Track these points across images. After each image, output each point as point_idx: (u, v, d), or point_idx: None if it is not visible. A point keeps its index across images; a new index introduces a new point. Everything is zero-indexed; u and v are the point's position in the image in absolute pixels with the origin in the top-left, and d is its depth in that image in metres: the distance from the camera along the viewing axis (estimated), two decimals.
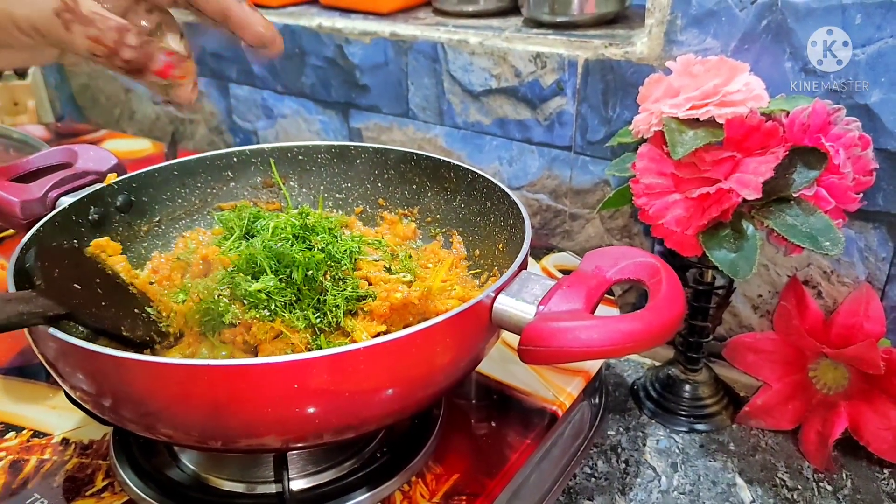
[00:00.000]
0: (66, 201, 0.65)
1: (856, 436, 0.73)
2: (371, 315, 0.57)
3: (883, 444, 0.72)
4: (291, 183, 0.79)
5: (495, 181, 0.67)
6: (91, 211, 0.67)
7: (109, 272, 0.60)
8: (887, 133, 0.68)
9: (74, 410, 0.63)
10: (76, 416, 0.64)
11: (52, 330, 0.45)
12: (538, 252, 0.86)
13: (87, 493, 0.56)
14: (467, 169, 0.71)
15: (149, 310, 0.58)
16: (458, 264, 0.70)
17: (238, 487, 0.57)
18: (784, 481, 0.72)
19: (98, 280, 0.57)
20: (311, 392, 0.44)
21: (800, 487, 0.71)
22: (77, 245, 0.64)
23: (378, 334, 0.56)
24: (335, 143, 0.78)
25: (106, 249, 0.63)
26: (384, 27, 1.00)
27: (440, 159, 0.73)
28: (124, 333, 0.54)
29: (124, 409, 0.48)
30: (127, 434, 0.60)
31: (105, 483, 0.57)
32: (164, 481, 0.57)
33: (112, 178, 0.69)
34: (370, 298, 0.57)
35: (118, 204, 0.70)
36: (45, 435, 0.62)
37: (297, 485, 0.56)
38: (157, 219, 0.74)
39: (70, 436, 0.62)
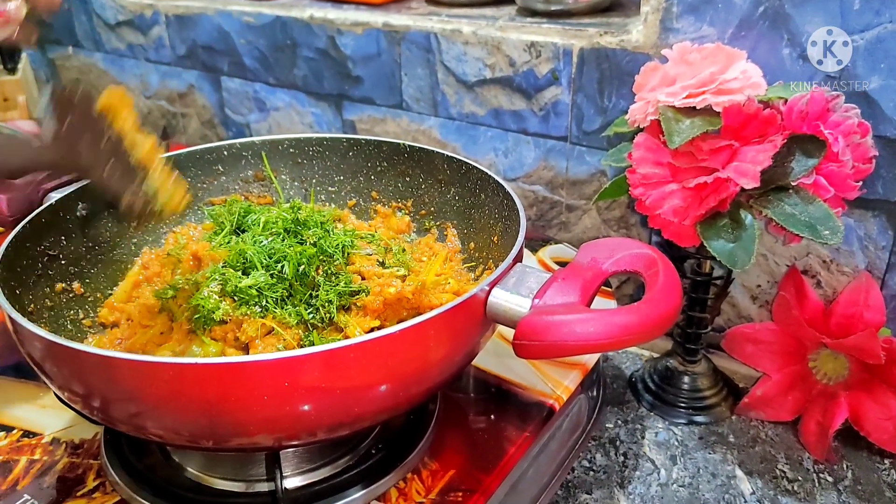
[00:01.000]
0: (53, 197, 0.64)
1: (856, 426, 0.72)
2: (364, 310, 0.56)
3: (883, 435, 0.71)
4: (283, 176, 0.78)
5: (489, 172, 0.66)
6: (79, 207, 0.66)
7: (115, 138, 0.56)
8: (886, 120, 0.68)
9: (65, 410, 0.62)
10: (66, 415, 0.63)
11: (37, 329, 0.44)
12: (535, 244, 0.86)
13: (79, 494, 0.55)
14: (461, 160, 0.70)
15: (144, 186, 0.56)
16: (453, 257, 0.69)
17: (231, 486, 0.56)
18: (784, 473, 0.72)
19: (106, 140, 0.55)
20: (304, 389, 0.44)
21: (800, 479, 0.71)
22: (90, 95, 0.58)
23: (371, 329, 0.55)
24: (326, 135, 0.77)
25: (118, 104, 0.58)
26: (376, 17, 0.99)
27: (433, 151, 0.72)
28: (122, 208, 0.54)
29: (113, 409, 0.47)
30: (118, 433, 0.59)
31: (96, 483, 0.56)
32: (157, 481, 0.56)
33: None
34: (363, 293, 0.56)
35: (107, 199, 0.69)
36: (35, 435, 0.61)
37: (292, 482, 0.55)
38: None
39: (60, 435, 0.61)
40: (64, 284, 0.63)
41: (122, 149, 0.56)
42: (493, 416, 0.62)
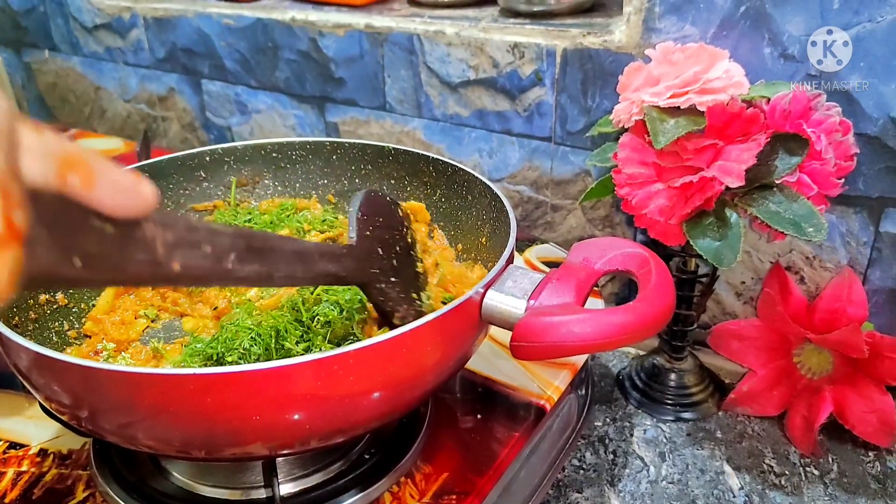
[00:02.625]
0: None
1: (841, 420, 0.73)
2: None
3: (868, 428, 0.72)
4: (266, 181, 0.78)
5: (476, 174, 0.66)
6: None
7: (409, 240, 0.55)
8: (867, 118, 0.69)
9: (52, 420, 0.61)
10: (53, 426, 0.62)
11: (25, 342, 0.44)
12: (521, 244, 0.86)
13: None
14: (447, 162, 0.70)
15: (421, 296, 0.55)
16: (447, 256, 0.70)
17: (224, 494, 0.56)
18: (771, 467, 0.72)
19: (397, 249, 0.53)
20: (300, 398, 0.43)
21: (787, 473, 0.72)
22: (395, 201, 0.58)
23: None
24: (310, 138, 0.77)
25: (417, 214, 0.62)
26: (358, 19, 0.99)
27: (418, 153, 0.72)
28: (395, 321, 0.51)
29: (103, 420, 0.47)
30: (107, 443, 0.59)
31: (86, 494, 0.56)
32: (147, 490, 0.55)
33: None
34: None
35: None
36: (21, 446, 0.61)
37: (286, 489, 0.55)
38: None
39: (48, 446, 0.61)
40: (48, 296, 0.63)
41: (414, 253, 0.54)
42: (484, 418, 0.62)
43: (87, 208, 0.28)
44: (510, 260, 0.52)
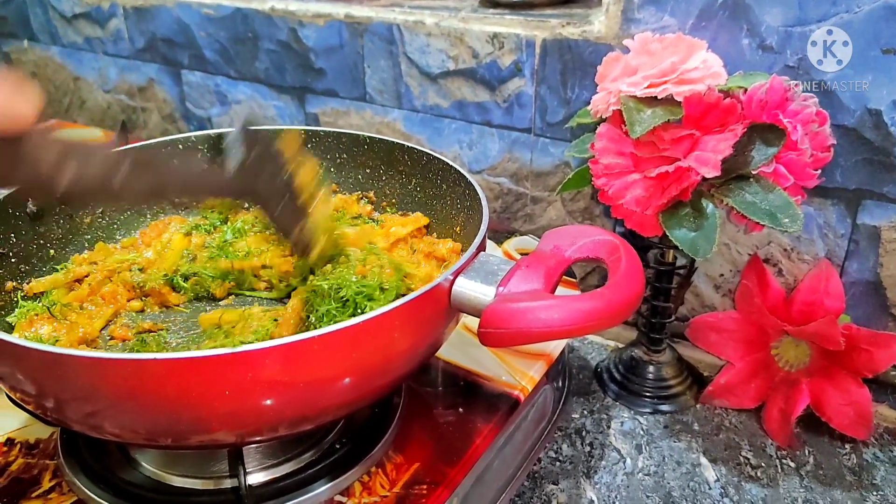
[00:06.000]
0: (1, 193, 0.62)
1: (818, 412, 0.73)
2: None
3: (844, 420, 0.72)
4: None
5: (451, 163, 0.66)
6: (28, 203, 0.64)
7: (288, 177, 0.55)
8: (844, 109, 0.68)
9: (19, 409, 0.61)
10: (21, 415, 0.61)
11: None
12: (500, 236, 0.85)
13: (34, 495, 0.54)
14: (422, 151, 0.69)
15: (306, 230, 0.55)
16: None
17: (193, 484, 0.55)
18: (748, 459, 0.72)
19: (280, 178, 0.54)
20: (266, 383, 0.43)
21: (763, 465, 0.72)
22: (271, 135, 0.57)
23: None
24: (285, 127, 0.76)
25: (292, 147, 0.58)
26: (338, 9, 0.98)
27: (393, 142, 0.72)
28: (292, 242, 0.54)
29: (67, 408, 0.46)
30: (75, 433, 0.58)
31: (52, 483, 0.55)
32: (115, 480, 0.55)
33: None
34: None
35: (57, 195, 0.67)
36: None
37: (255, 478, 0.54)
38: (100, 210, 0.71)
39: (15, 435, 0.60)
40: (14, 283, 0.62)
41: (294, 188, 0.54)
42: (458, 408, 0.62)
43: None
44: (481, 247, 0.52)
